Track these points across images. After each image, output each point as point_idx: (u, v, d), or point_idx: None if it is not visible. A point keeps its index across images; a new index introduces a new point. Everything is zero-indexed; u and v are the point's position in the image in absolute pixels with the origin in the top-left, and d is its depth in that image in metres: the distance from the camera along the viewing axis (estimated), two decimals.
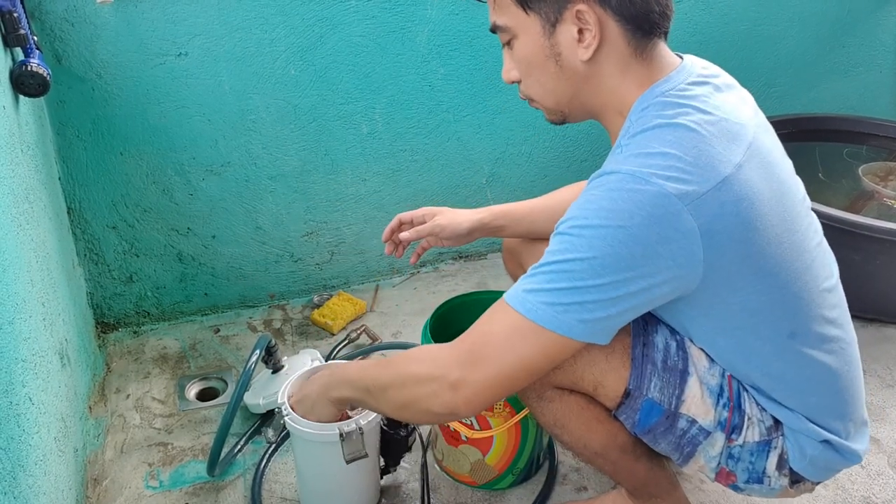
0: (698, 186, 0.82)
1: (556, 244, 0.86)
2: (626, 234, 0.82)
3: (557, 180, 1.98)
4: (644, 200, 0.81)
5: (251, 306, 1.90)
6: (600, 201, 0.84)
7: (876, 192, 1.92)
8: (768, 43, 2.11)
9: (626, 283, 0.84)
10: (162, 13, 1.52)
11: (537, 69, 0.94)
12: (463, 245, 1.31)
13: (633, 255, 0.82)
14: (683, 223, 0.82)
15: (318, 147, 1.78)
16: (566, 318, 0.84)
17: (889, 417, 1.52)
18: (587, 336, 0.86)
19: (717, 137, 0.86)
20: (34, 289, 1.19)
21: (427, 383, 0.91)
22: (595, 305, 0.84)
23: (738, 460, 1.01)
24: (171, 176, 1.68)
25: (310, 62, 1.68)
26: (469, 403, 0.90)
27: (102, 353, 1.72)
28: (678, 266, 0.84)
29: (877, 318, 1.79)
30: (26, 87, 1.28)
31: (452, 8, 1.74)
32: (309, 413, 1.14)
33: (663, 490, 1.15)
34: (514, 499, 1.33)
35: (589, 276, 0.83)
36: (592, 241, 0.83)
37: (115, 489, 1.35)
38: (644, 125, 0.87)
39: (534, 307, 0.85)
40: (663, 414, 0.98)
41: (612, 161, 0.88)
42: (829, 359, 0.97)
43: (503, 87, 1.87)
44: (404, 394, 0.95)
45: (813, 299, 0.94)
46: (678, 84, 0.90)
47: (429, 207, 1.31)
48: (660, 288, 0.86)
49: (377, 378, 1.00)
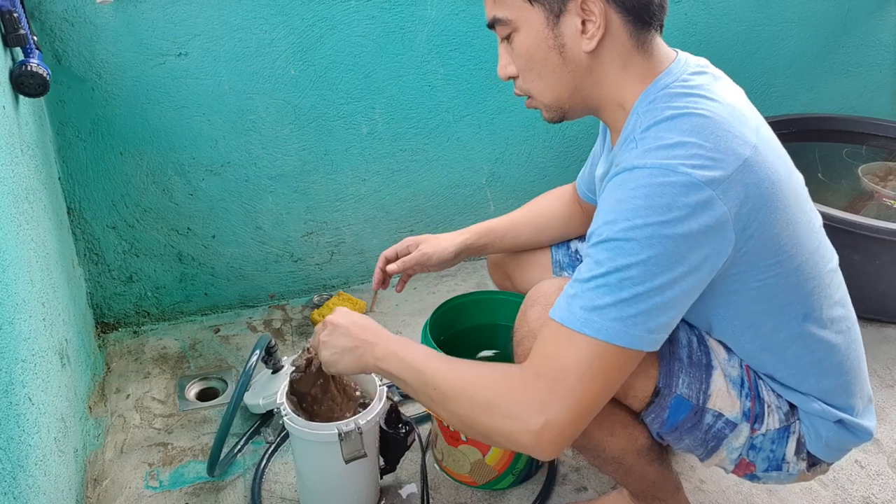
0: (723, 171, 0.82)
1: (603, 252, 0.83)
2: (670, 229, 0.80)
3: (557, 180, 1.98)
4: (677, 192, 0.80)
5: (251, 306, 1.90)
6: (635, 200, 0.81)
7: (875, 192, 1.92)
8: (768, 43, 2.11)
9: (680, 281, 0.82)
10: (162, 13, 1.52)
11: (539, 62, 0.93)
12: (449, 269, 1.30)
13: (680, 249, 0.81)
14: (716, 209, 0.81)
15: (318, 147, 1.78)
16: (635, 331, 0.81)
17: (889, 417, 1.52)
18: (653, 345, 0.84)
19: (730, 121, 0.85)
20: (34, 289, 1.19)
21: (502, 420, 0.85)
22: (657, 311, 0.82)
23: (760, 450, 1.01)
24: (170, 176, 1.68)
25: (310, 62, 1.68)
26: (554, 444, 0.84)
27: (102, 353, 1.72)
28: (716, 254, 0.84)
29: (876, 318, 1.80)
30: (26, 87, 1.28)
31: (452, 8, 1.74)
32: (335, 355, 1.02)
33: (668, 493, 1.15)
34: (513, 499, 1.33)
35: (647, 279, 0.80)
36: (642, 241, 0.80)
37: (114, 489, 1.35)
38: (655, 117, 0.87)
39: (603, 327, 0.81)
40: (691, 410, 0.98)
41: (629, 157, 0.86)
42: (838, 339, 0.98)
43: (503, 87, 1.87)
44: (471, 415, 0.88)
45: (822, 279, 0.95)
46: (680, 76, 0.91)
47: (411, 237, 1.30)
48: (703, 281, 0.85)
49: (444, 382, 0.91)
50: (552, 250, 1.33)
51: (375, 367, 0.99)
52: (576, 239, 1.33)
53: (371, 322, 1.03)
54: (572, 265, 1.31)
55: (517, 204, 2.07)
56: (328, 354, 1.03)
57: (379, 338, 1.00)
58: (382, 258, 1.31)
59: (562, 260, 1.32)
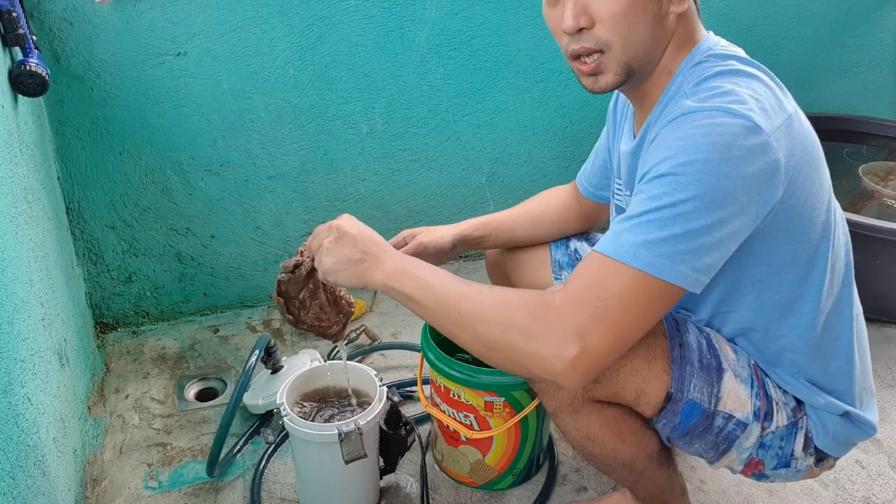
0: (774, 119, 0.83)
1: (660, 187, 0.81)
2: (729, 167, 0.79)
3: (557, 180, 1.97)
4: (737, 132, 0.79)
5: (250, 306, 1.90)
6: (696, 136, 0.80)
7: (876, 192, 1.92)
8: (768, 43, 2.11)
9: (730, 221, 0.81)
10: (161, 13, 1.52)
11: (637, 12, 0.86)
12: (445, 262, 1.25)
13: (735, 188, 0.80)
14: (771, 153, 0.81)
15: (318, 147, 1.77)
16: (682, 268, 0.80)
17: (890, 418, 1.52)
18: (696, 286, 0.82)
19: (770, 84, 0.88)
20: (33, 289, 1.19)
21: (536, 343, 0.82)
22: (706, 250, 0.80)
23: (769, 448, 1.01)
24: (170, 175, 1.68)
25: (309, 62, 1.67)
26: (586, 373, 0.82)
27: (101, 353, 1.72)
28: (763, 201, 0.83)
29: (877, 318, 1.80)
30: (25, 86, 1.28)
31: (452, 7, 1.74)
32: (338, 265, 0.94)
33: (675, 497, 1.15)
34: (513, 499, 1.33)
35: (701, 216, 0.79)
36: (701, 175, 0.79)
37: (114, 490, 1.35)
38: (705, 73, 0.88)
39: (652, 261, 0.80)
40: (703, 414, 0.97)
41: (682, 105, 0.85)
42: (850, 322, 0.99)
43: (503, 87, 1.87)
44: (503, 339, 0.84)
45: (843, 254, 0.96)
46: (718, 41, 0.94)
47: (408, 230, 1.27)
48: (749, 226, 0.84)
49: (473, 305, 0.86)
50: (551, 250, 1.33)
51: (383, 284, 0.92)
52: (574, 238, 1.33)
53: (380, 237, 0.97)
54: (571, 265, 1.30)
55: (517, 203, 2.08)
56: (330, 262, 0.95)
57: (388, 254, 0.93)
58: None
59: (561, 260, 1.31)
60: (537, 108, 1.93)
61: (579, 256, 1.30)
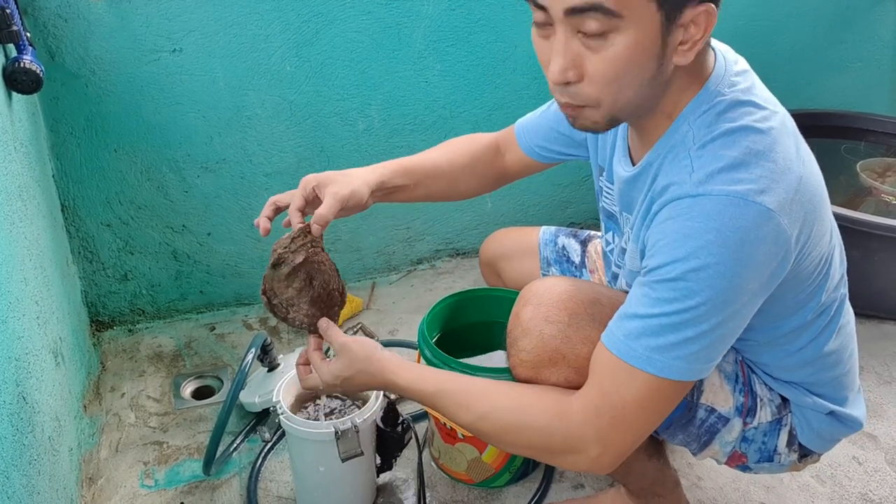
0: (785, 193, 0.80)
1: (671, 291, 0.80)
2: (741, 265, 0.78)
3: (554, 175, 1.97)
4: (749, 226, 0.77)
5: (247, 304, 1.89)
6: (706, 235, 0.78)
7: (874, 189, 1.92)
8: (766, 38, 2.10)
9: (742, 308, 0.82)
10: (156, 9, 1.51)
11: (635, 71, 0.79)
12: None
13: (746, 281, 0.79)
14: (783, 234, 0.80)
15: (314, 144, 1.77)
16: (697, 365, 0.82)
17: (886, 414, 1.52)
18: (709, 372, 0.85)
19: (781, 133, 0.83)
20: (28, 287, 1.18)
21: (560, 444, 0.87)
22: (720, 342, 0.82)
23: (752, 442, 1.02)
24: (165, 173, 1.67)
25: (305, 58, 1.67)
26: (611, 465, 0.87)
27: (97, 351, 1.71)
28: (774, 280, 0.83)
29: (875, 314, 1.79)
30: (19, 83, 1.27)
31: (449, 3, 1.73)
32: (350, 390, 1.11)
33: (667, 489, 1.16)
34: (510, 496, 1.33)
35: (713, 315, 0.79)
36: (713, 280, 0.78)
37: (110, 488, 1.35)
38: (711, 132, 0.82)
39: (666, 365, 0.81)
40: (685, 406, 0.98)
41: (686, 179, 0.81)
42: (842, 333, 0.99)
43: (500, 84, 1.86)
44: (522, 440, 0.90)
45: (838, 262, 0.96)
46: (726, 78, 0.86)
47: (310, 176, 1.10)
48: (758, 305, 0.84)
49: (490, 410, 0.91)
50: (540, 247, 1.35)
51: (395, 393, 1.02)
52: (563, 235, 1.35)
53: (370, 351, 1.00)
54: (559, 261, 1.33)
55: (515, 201, 2.07)
56: (341, 392, 1.07)
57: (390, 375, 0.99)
58: (272, 202, 1.10)
59: (549, 256, 1.34)
60: (534, 104, 1.92)
61: (566, 254, 1.33)
